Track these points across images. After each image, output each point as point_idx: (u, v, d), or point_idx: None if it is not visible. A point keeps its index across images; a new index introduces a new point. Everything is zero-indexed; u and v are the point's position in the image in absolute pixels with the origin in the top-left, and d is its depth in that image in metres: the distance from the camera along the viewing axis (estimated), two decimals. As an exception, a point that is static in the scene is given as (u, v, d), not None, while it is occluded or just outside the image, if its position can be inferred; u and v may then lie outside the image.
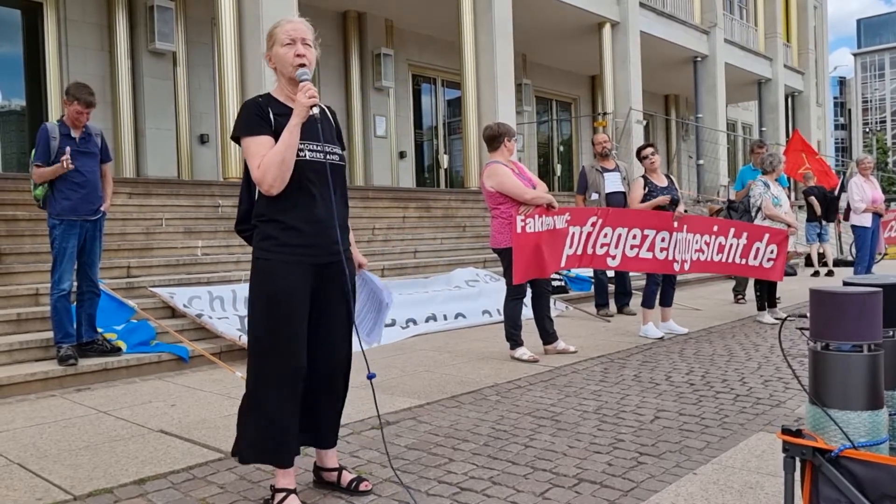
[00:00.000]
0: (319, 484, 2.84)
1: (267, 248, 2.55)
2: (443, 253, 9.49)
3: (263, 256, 2.56)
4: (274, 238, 2.54)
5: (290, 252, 2.53)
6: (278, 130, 2.50)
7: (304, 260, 2.55)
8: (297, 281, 2.54)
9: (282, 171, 2.45)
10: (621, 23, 16.38)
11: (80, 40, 10.60)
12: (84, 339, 5.08)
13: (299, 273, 2.55)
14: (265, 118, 2.53)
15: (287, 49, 2.57)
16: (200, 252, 7.29)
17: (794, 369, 3.35)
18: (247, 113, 2.55)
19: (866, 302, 1.92)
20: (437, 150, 16.52)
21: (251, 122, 2.53)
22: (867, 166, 8.89)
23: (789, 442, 1.90)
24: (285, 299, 2.53)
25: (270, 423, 2.56)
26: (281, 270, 2.53)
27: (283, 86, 2.64)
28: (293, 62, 2.56)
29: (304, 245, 2.55)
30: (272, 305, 2.53)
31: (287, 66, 2.58)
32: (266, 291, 2.55)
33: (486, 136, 5.53)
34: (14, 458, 3.27)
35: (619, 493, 2.74)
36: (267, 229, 2.55)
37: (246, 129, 2.53)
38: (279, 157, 2.45)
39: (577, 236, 5.87)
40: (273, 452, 2.58)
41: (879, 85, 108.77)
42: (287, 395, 2.57)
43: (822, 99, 28.74)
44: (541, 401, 4.20)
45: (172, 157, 11.41)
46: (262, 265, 2.56)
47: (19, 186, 7.08)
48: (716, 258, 6.83)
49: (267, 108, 2.56)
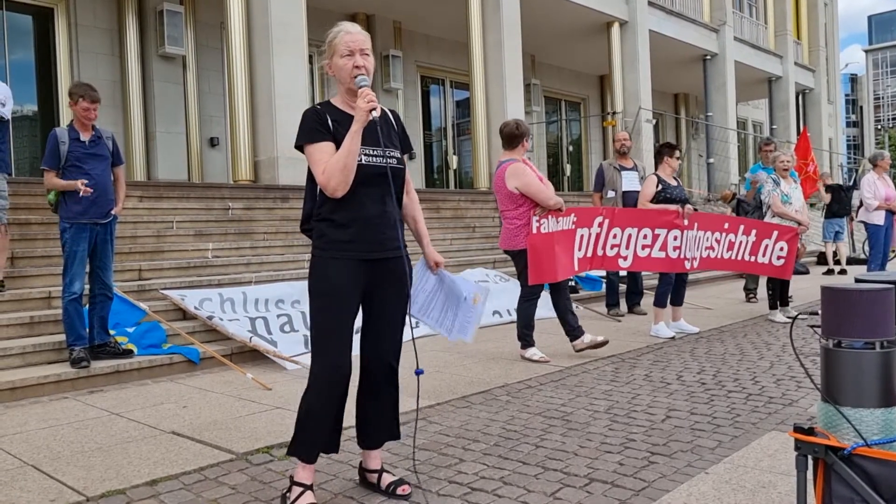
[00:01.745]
0: (363, 484, 2.87)
1: (319, 245, 2.66)
2: (452, 253, 9.48)
3: (316, 254, 2.67)
4: (325, 236, 2.64)
5: (339, 248, 2.62)
6: (337, 136, 2.60)
7: (353, 256, 2.63)
8: (343, 277, 2.62)
9: (345, 176, 2.54)
10: (630, 22, 16.34)
11: (90, 45, 10.69)
12: (96, 341, 5.11)
13: (347, 269, 2.62)
14: (324, 125, 2.62)
15: (346, 60, 2.63)
16: (211, 254, 7.32)
17: (807, 368, 3.33)
18: (306, 122, 2.64)
19: (878, 299, 1.91)
20: (446, 150, 16.53)
21: (311, 130, 2.62)
22: (886, 164, 8.80)
23: (801, 440, 1.88)
24: (332, 295, 2.62)
25: (305, 415, 2.63)
26: (329, 267, 2.62)
27: (342, 94, 2.73)
28: (352, 73, 2.62)
29: (352, 241, 2.62)
30: (321, 300, 2.63)
31: (346, 78, 2.64)
32: (315, 287, 2.64)
33: (506, 133, 5.43)
34: (28, 460, 3.29)
35: (630, 493, 2.73)
36: (320, 227, 2.66)
37: (307, 138, 2.62)
38: (341, 163, 2.53)
39: (586, 238, 5.83)
40: (300, 445, 2.65)
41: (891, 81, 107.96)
42: (324, 391, 2.62)
43: (833, 96, 28.56)
44: (551, 401, 4.19)
45: (183, 161, 11.48)
46: (314, 262, 2.67)
47: (32, 191, 7.13)
48: (725, 255, 6.80)
49: (325, 116, 2.64)
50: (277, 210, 8.88)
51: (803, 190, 13.51)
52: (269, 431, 3.66)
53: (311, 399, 2.63)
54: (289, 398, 4.36)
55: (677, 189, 6.51)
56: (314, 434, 2.64)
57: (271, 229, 8.29)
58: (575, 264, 5.72)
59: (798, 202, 7.16)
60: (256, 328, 5.69)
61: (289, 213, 8.80)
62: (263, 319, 5.82)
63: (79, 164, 4.97)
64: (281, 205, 8.97)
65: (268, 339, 5.62)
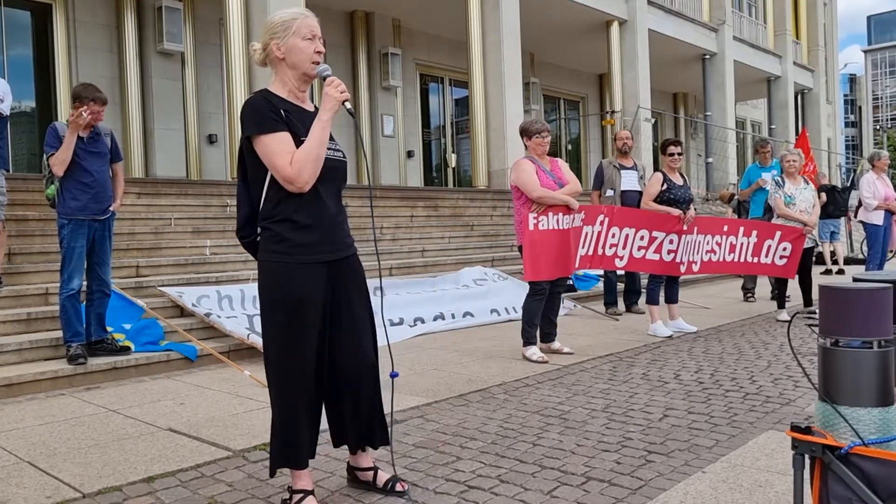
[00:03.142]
0: (354, 483, 2.81)
1: (282, 250, 2.46)
2: (451, 252, 9.49)
3: (279, 259, 2.47)
4: (288, 240, 2.46)
5: (307, 252, 2.47)
6: (291, 127, 2.44)
7: (321, 258, 2.51)
8: (315, 282, 2.50)
9: (316, 168, 2.41)
10: (629, 21, 16.33)
11: (89, 41, 10.67)
12: (93, 338, 5.10)
13: (316, 273, 2.50)
14: (277, 114, 2.44)
15: (308, 44, 2.50)
16: (209, 251, 7.32)
17: (804, 367, 3.33)
18: (258, 110, 2.44)
19: (876, 298, 1.91)
20: (445, 149, 16.52)
21: (265, 119, 2.42)
22: (884, 163, 8.80)
23: (799, 439, 1.88)
24: (305, 302, 2.48)
25: (283, 425, 2.53)
26: (298, 273, 2.47)
27: (286, 80, 2.55)
28: (313, 58, 2.51)
29: (319, 243, 2.50)
30: (290, 309, 2.47)
31: (305, 62, 2.50)
32: (283, 295, 2.47)
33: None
34: (24, 457, 3.29)
35: (627, 492, 2.73)
36: (280, 230, 2.46)
37: (262, 127, 2.42)
38: (314, 154, 2.40)
39: (590, 236, 5.83)
40: (286, 455, 2.55)
41: (890, 82, 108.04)
42: (301, 397, 2.53)
43: (832, 96, 28.58)
44: (549, 399, 4.19)
45: (181, 158, 11.46)
46: (277, 268, 2.47)
47: (30, 187, 7.13)
48: (728, 258, 6.79)
49: (276, 105, 2.47)
50: (276, 207, 8.85)
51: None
52: (266, 429, 3.63)
53: (285, 407, 2.52)
54: (286, 395, 4.36)
55: (682, 189, 6.45)
56: (295, 438, 2.54)
57: (269, 227, 8.27)
58: (576, 261, 5.71)
59: (804, 203, 7.05)
60: (254, 325, 5.68)
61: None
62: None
63: (78, 160, 4.95)
64: (279, 202, 8.94)
65: (265, 336, 5.60)
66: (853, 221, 13.01)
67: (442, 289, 7.53)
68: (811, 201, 7.12)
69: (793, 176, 7.13)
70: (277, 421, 2.56)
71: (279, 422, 2.55)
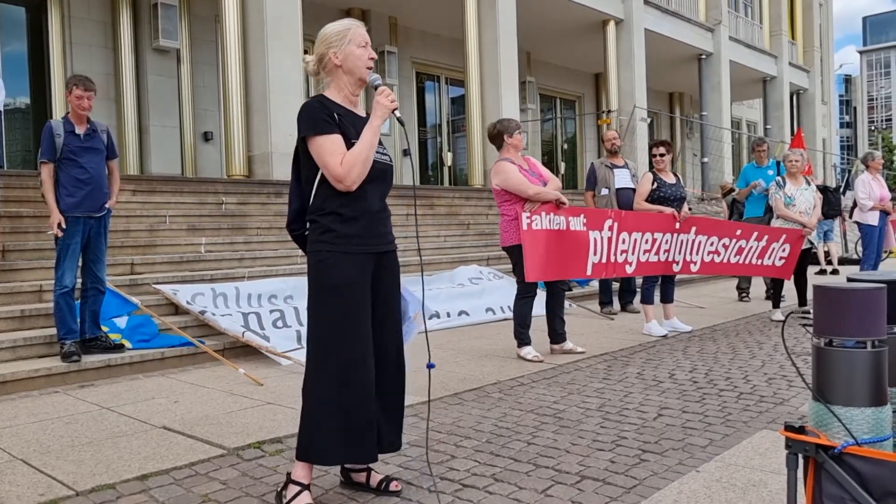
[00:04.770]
0: (347, 484, 2.81)
1: (328, 240, 2.58)
2: (446, 250, 9.49)
3: (325, 249, 2.58)
4: (333, 231, 2.58)
5: (352, 242, 2.58)
6: (343, 129, 2.57)
7: (365, 249, 2.61)
8: (359, 271, 2.59)
9: (365, 168, 2.54)
10: (626, 20, 16.34)
11: (84, 37, 10.63)
12: (87, 335, 5.09)
13: (361, 263, 2.60)
14: (331, 117, 2.58)
15: (363, 51, 2.65)
16: (204, 249, 7.30)
17: (798, 367, 3.34)
18: (313, 112, 2.58)
19: (870, 298, 1.91)
20: (440, 147, 16.51)
21: (319, 120, 2.56)
22: (878, 164, 8.82)
23: (792, 438, 1.89)
24: (350, 290, 2.57)
25: (348, 420, 2.55)
26: (343, 261, 2.57)
27: (342, 86, 2.68)
28: (367, 64, 2.66)
29: (362, 234, 2.61)
30: (336, 297, 2.56)
31: (361, 68, 2.65)
32: (330, 283, 2.57)
33: (489, 136, 5.56)
34: (17, 454, 3.28)
35: (621, 491, 2.73)
36: (326, 222, 2.59)
37: (316, 128, 2.55)
38: (364, 155, 2.54)
39: (600, 242, 5.77)
40: (356, 449, 2.57)
41: (885, 83, 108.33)
42: (360, 390, 2.56)
43: (827, 97, 28.64)
44: (544, 398, 4.19)
45: (176, 155, 11.43)
46: (323, 257, 2.58)
47: (24, 183, 7.10)
48: (733, 259, 6.80)
49: (330, 108, 2.60)
50: (271, 205, 8.85)
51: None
52: (260, 427, 3.65)
53: (348, 401, 2.54)
54: (281, 394, 4.36)
55: (674, 187, 6.48)
56: (364, 432, 2.56)
57: (265, 224, 8.27)
58: (588, 268, 5.69)
59: (804, 204, 7.04)
60: (249, 323, 5.68)
61: (283, 208, 8.77)
62: (256, 315, 5.81)
63: (73, 157, 4.95)
64: (275, 200, 8.94)
65: (260, 334, 5.60)
66: (847, 222, 13.05)
67: (437, 287, 7.53)
68: (811, 202, 7.10)
69: (794, 177, 7.14)
70: (340, 415, 2.53)
71: (344, 416, 2.53)
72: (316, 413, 2.57)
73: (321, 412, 2.56)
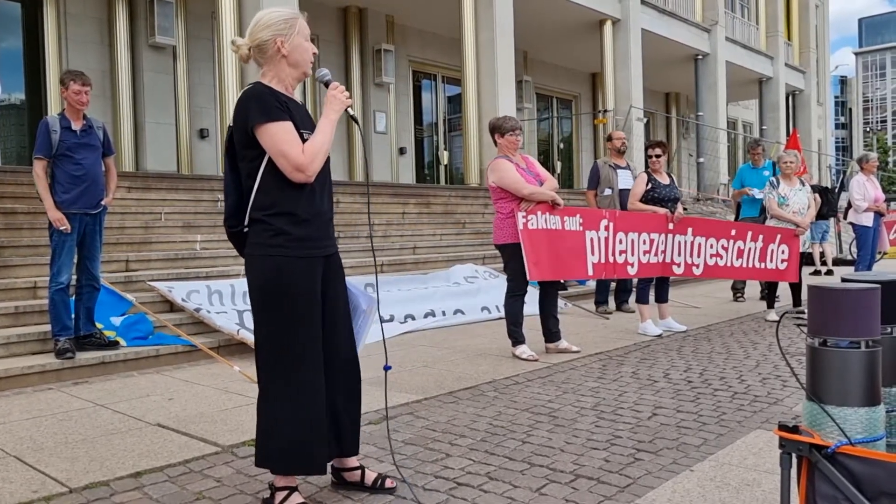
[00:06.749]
0: (339, 485, 2.77)
1: (280, 244, 2.44)
2: (442, 249, 9.48)
3: (279, 254, 2.44)
4: (287, 233, 2.45)
5: (305, 246, 2.48)
6: (292, 118, 2.47)
7: (316, 253, 2.54)
8: (313, 277, 2.52)
9: (323, 161, 2.48)
10: (622, 20, 16.35)
11: (79, 34, 10.59)
12: (82, 332, 5.07)
13: (314, 268, 2.53)
14: (282, 105, 2.45)
15: (309, 45, 2.60)
16: (199, 246, 7.28)
17: (792, 366, 3.35)
18: (264, 100, 2.43)
19: (864, 298, 1.91)
20: (437, 146, 16.50)
21: (272, 108, 2.42)
22: (873, 165, 8.84)
23: (786, 438, 1.89)
24: (304, 297, 2.48)
25: (303, 430, 2.47)
26: (297, 267, 2.47)
27: (283, 77, 2.54)
28: (310, 59, 2.60)
29: (315, 237, 2.52)
30: (291, 304, 2.46)
31: (307, 62, 2.59)
32: (285, 291, 2.45)
33: (489, 129, 5.57)
34: (11, 451, 3.27)
35: (615, 489, 2.73)
36: (279, 224, 2.45)
37: (270, 115, 2.40)
38: (326, 147, 2.48)
39: (597, 242, 5.79)
40: (305, 461, 2.51)
41: (880, 84, 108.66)
42: (317, 399, 2.51)
43: (822, 98, 28.71)
44: (538, 397, 4.19)
45: (172, 152, 11.40)
46: (278, 262, 2.45)
47: (18, 179, 7.08)
48: (735, 263, 6.79)
49: (277, 96, 2.48)
50: (267, 203, 8.83)
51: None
52: (255, 424, 3.63)
53: (303, 411, 2.46)
54: (276, 391, 4.35)
55: (667, 188, 6.50)
56: (317, 442, 2.50)
57: (260, 222, 8.24)
58: (588, 268, 5.70)
59: (798, 204, 7.06)
60: (244, 321, 5.67)
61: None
62: (251, 313, 5.79)
63: (70, 153, 4.93)
64: (270, 198, 8.91)
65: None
66: (842, 223, 13.09)
67: (433, 286, 7.53)
68: (805, 203, 7.12)
69: (789, 177, 7.17)
70: (288, 425, 2.47)
71: (291, 426, 2.46)
72: (279, 424, 2.49)
73: (283, 423, 2.48)
